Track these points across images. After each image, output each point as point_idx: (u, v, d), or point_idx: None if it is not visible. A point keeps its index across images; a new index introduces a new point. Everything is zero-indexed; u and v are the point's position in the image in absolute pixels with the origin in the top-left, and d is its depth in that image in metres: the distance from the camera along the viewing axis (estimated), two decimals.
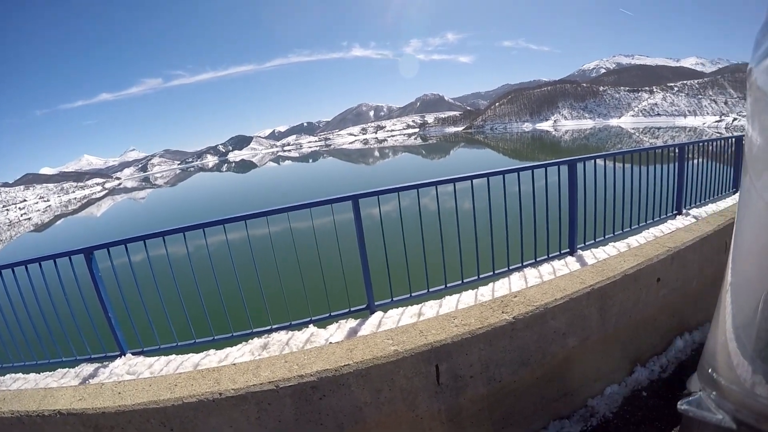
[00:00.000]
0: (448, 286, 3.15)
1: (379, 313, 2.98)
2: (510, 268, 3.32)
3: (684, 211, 4.37)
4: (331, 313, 2.98)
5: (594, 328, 2.64)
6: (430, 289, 3.12)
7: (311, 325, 2.93)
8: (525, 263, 3.37)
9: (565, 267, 3.31)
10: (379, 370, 2.11)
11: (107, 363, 2.95)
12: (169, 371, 2.68)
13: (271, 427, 2.07)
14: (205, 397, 2.03)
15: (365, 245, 2.92)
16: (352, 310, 3.01)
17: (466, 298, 3.01)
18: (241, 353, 2.76)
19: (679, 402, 1.46)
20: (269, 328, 2.93)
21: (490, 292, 3.06)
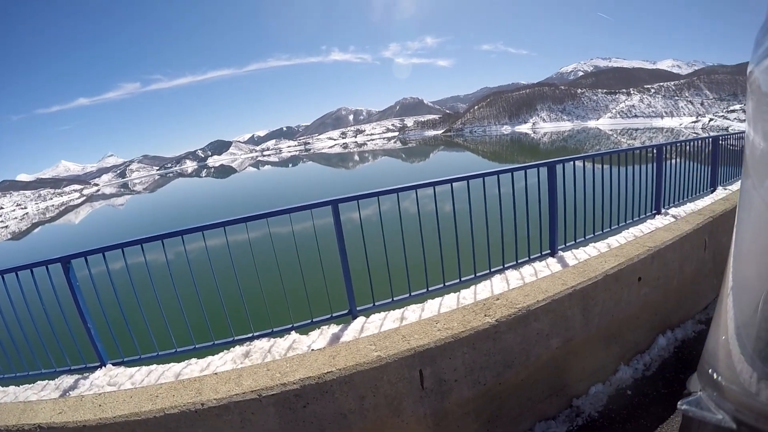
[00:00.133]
0: (429, 289, 3.15)
1: (361, 318, 2.95)
2: (491, 270, 3.32)
3: (663, 210, 4.45)
4: (313, 319, 2.95)
5: (577, 328, 2.66)
6: (412, 293, 3.11)
7: (293, 332, 2.89)
8: (506, 265, 3.37)
9: (546, 268, 3.33)
10: (363, 377, 2.08)
11: (87, 374, 2.88)
12: (150, 382, 2.61)
13: None
14: (187, 408, 1.97)
15: (346, 250, 2.90)
16: (334, 315, 2.98)
17: (449, 302, 3.00)
18: (222, 362, 2.71)
19: (679, 402, 1.46)
20: (251, 335, 2.88)
21: (472, 295, 3.06)
